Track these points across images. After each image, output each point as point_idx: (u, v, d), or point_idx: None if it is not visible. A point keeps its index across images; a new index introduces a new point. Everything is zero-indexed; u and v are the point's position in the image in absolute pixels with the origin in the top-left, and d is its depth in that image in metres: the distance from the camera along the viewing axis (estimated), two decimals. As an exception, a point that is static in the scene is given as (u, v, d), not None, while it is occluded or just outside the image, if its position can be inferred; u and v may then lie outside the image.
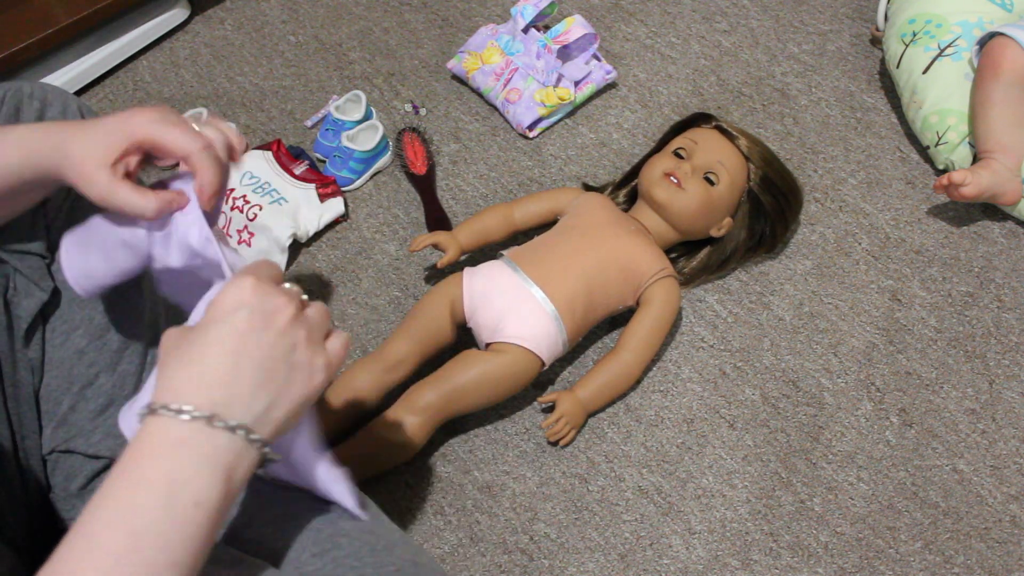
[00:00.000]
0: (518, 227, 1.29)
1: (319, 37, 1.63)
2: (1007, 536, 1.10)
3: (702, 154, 1.22)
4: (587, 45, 1.48)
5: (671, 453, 1.17)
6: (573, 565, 1.09)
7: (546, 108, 1.44)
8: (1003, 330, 1.26)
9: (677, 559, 1.09)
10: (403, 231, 1.38)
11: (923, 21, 1.41)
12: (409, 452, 1.11)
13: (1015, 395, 1.20)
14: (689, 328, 1.27)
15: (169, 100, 1.55)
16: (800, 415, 1.20)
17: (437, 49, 1.60)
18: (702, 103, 1.50)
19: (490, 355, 1.12)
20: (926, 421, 1.19)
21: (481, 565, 1.10)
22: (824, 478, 1.15)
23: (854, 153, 1.44)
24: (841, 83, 1.52)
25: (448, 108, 1.52)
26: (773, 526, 1.11)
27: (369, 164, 1.42)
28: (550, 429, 1.14)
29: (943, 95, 1.36)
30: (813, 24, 1.60)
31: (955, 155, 1.36)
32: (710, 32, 1.60)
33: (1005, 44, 1.26)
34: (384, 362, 1.14)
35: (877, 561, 1.09)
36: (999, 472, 1.15)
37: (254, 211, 1.32)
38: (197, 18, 1.67)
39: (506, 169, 1.44)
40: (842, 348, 1.25)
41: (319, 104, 1.53)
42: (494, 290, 1.15)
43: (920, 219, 1.37)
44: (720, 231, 1.25)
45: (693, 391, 1.22)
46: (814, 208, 1.38)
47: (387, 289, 1.32)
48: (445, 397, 1.10)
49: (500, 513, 1.13)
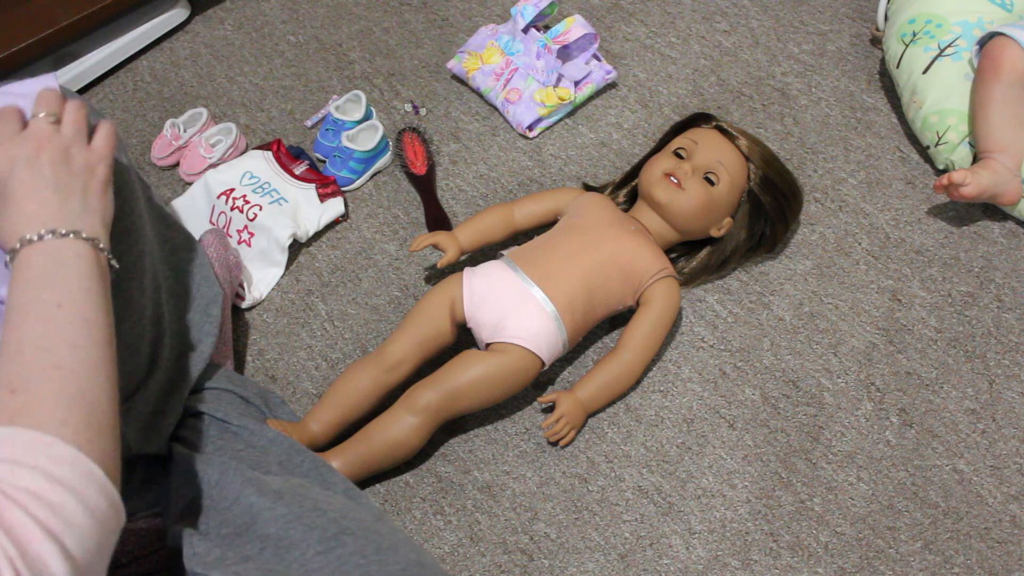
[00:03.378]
0: (518, 227, 1.28)
1: (319, 37, 1.63)
2: (1007, 536, 1.10)
3: (702, 154, 1.22)
4: (587, 45, 1.48)
5: (671, 453, 1.17)
6: (573, 565, 1.09)
7: (546, 108, 1.44)
8: (1003, 330, 1.26)
9: (677, 559, 1.09)
10: (403, 231, 1.38)
11: (923, 21, 1.41)
12: (409, 452, 1.12)
13: (1015, 395, 1.20)
14: (689, 328, 1.27)
15: (169, 100, 1.55)
16: (800, 415, 1.20)
17: (437, 49, 1.60)
18: (702, 103, 1.50)
19: (490, 355, 1.12)
20: (926, 421, 1.19)
21: (481, 565, 1.10)
22: (824, 478, 1.15)
23: (854, 153, 1.44)
24: (841, 83, 1.52)
25: (448, 108, 1.52)
26: (773, 526, 1.11)
27: (369, 164, 1.42)
28: (550, 429, 1.14)
29: (943, 95, 1.36)
30: (813, 24, 1.60)
31: (955, 155, 1.36)
32: (710, 32, 1.60)
33: (1005, 44, 1.26)
34: (384, 362, 1.14)
35: (877, 561, 1.09)
36: (999, 472, 1.15)
37: (254, 211, 1.32)
38: (197, 18, 1.67)
39: (506, 169, 1.44)
40: (842, 348, 1.25)
41: (319, 104, 1.53)
42: (494, 290, 1.15)
43: (920, 219, 1.37)
44: (720, 231, 1.25)
45: (693, 391, 1.22)
46: (814, 208, 1.38)
47: (387, 289, 1.32)
48: (445, 397, 1.10)
49: (500, 513, 1.13)
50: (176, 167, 1.47)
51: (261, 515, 0.85)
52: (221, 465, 0.90)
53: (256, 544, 0.83)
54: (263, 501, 0.85)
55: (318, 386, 1.24)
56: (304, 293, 1.32)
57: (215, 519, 0.87)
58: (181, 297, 1.06)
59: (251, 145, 1.48)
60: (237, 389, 1.07)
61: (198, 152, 1.43)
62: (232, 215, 1.33)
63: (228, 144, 1.42)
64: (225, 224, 1.34)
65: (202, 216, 1.37)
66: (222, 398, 1.05)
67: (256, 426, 1.00)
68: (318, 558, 0.80)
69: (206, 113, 1.46)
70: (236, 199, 1.34)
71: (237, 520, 0.86)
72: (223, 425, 1.00)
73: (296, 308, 1.31)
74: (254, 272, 1.32)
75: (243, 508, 0.86)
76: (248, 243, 1.33)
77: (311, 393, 1.23)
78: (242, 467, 0.90)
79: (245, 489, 0.87)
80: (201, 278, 1.09)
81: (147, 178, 1.46)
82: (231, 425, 1.00)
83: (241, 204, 1.33)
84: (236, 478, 0.88)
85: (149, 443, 0.96)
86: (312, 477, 0.96)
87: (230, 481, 0.88)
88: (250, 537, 0.84)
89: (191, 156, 1.43)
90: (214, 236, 1.23)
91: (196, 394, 1.03)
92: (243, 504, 0.86)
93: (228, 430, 1.00)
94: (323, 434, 1.11)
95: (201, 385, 1.05)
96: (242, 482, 0.88)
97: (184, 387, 1.01)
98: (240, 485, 0.87)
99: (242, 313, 1.30)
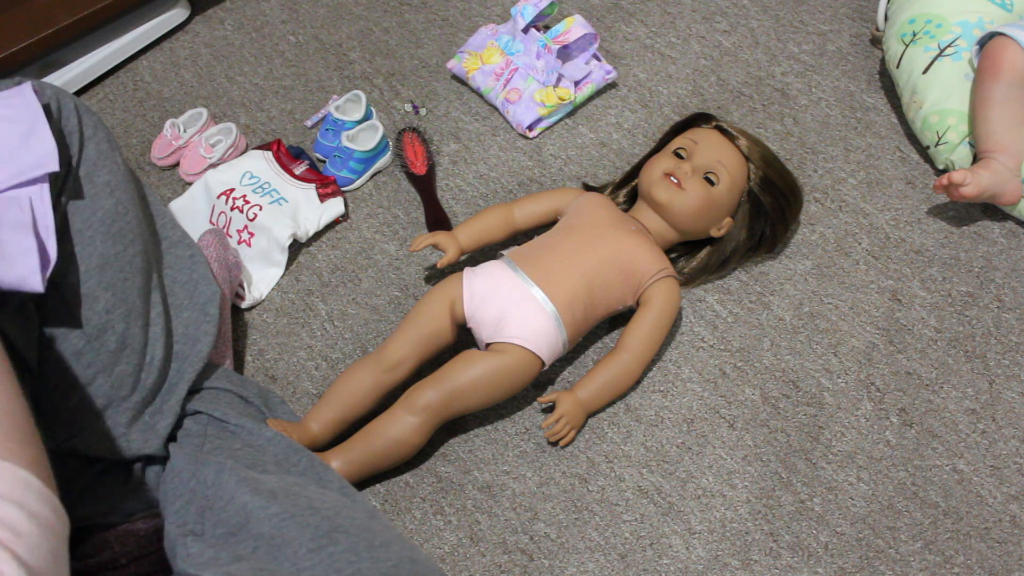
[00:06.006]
0: (518, 227, 1.28)
1: (319, 37, 1.63)
2: (1007, 536, 1.10)
3: (702, 154, 1.22)
4: (587, 45, 1.48)
5: (671, 453, 1.17)
6: (573, 565, 1.09)
7: (546, 108, 1.44)
8: (1003, 330, 1.26)
9: (677, 559, 1.09)
10: (403, 231, 1.38)
11: (923, 21, 1.41)
12: (409, 452, 1.12)
13: (1015, 395, 1.20)
14: (689, 328, 1.27)
15: (169, 100, 1.55)
16: (800, 415, 1.20)
17: (437, 49, 1.60)
18: (702, 103, 1.50)
19: (490, 355, 1.12)
20: (926, 421, 1.19)
21: (481, 565, 1.10)
22: (824, 478, 1.15)
23: (854, 153, 1.44)
24: (841, 83, 1.52)
25: (448, 108, 1.52)
26: (773, 526, 1.11)
27: (369, 164, 1.42)
28: (550, 429, 1.14)
29: (943, 95, 1.36)
30: (813, 24, 1.60)
31: (955, 155, 1.36)
32: (710, 32, 1.60)
33: (1005, 44, 1.26)
34: (384, 362, 1.14)
35: (877, 561, 1.09)
36: (999, 472, 1.15)
37: (254, 211, 1.32)
38: (197, 18, 1.67)
39: (506, 169, 1.44)
40: (842, 348, 1.25)
41: (319, 104, 1.53)
42: (494, 290, 1.15)
43: (920, 219, 1.37)
44: (720, 231, 1.25)
45: (693, 391, 1.22)
46: (814, 208, 1.38)
47: (387, 289, 1.32)
48: (445, 397, 1.10)
49: (500, 513, 1.13)
50: (176, 167, 1.47)
51: (255, 514, 0.85)
52: (217, 465, 0.90)
53: (249, 543, 0.83)
54: (257, 500, 0.85)
55: (318, 386, 1.24)
56: (304, 293, 1.32)
57: (210, 519, 0.87)
58: (178, 296, 1.06)
59: (251, 145, 1.48)
60: (236, 389, 1.07)
61: (198, 152, 1.43)
62: (232, 215, 1.33)
63: (228, 144, 1.42)
64: (225, 224, 1.34)
65: (202, 216, 1.37)
66: (221, 398, 1.05)
67: (254, 425, 1.00)
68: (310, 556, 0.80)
69: (206, 113, 1.46)
70: (236, 199, 1.34)
71: (231, 520, 0.86)
72: (221, 424, 1.00)
73: (296, 308, 1.31)
74: (254, 272, 1.32)
75: (237, 508, 0.86)
76: (248, 243, 1.32)
77: (311, 393, 1.23)
78: (238, 466, 0.90)
79: (240, 489, 0.87)
80: (198, 277, 1.09)
81: (147, 178, 1.46)
82: (229, 424, 1.00)
83: (241, 204, 1.33)
84: (231, 478, 0.88)
85: (147, 444, 0.96)
86: (309, 476, 0.96)
87: (225, 481, 0.88)
88: (243, 536, 0.84)
89: (191, 156, 1.43)
90: (214, 236, 1.23)
91: (195, 393, 1.03)
92: (237, 504, 0.86)
93: (226, 429, 1.00)
94: (323, 434, 1.11)
95: (200, 385, 1.05)
96: (237, 481, 0.88)
97: (181, 387, 1.01)
98: (235, 485, 0.87)
99: (242, 313, 1.30)
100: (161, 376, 1.00)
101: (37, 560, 0.57)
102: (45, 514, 0.60)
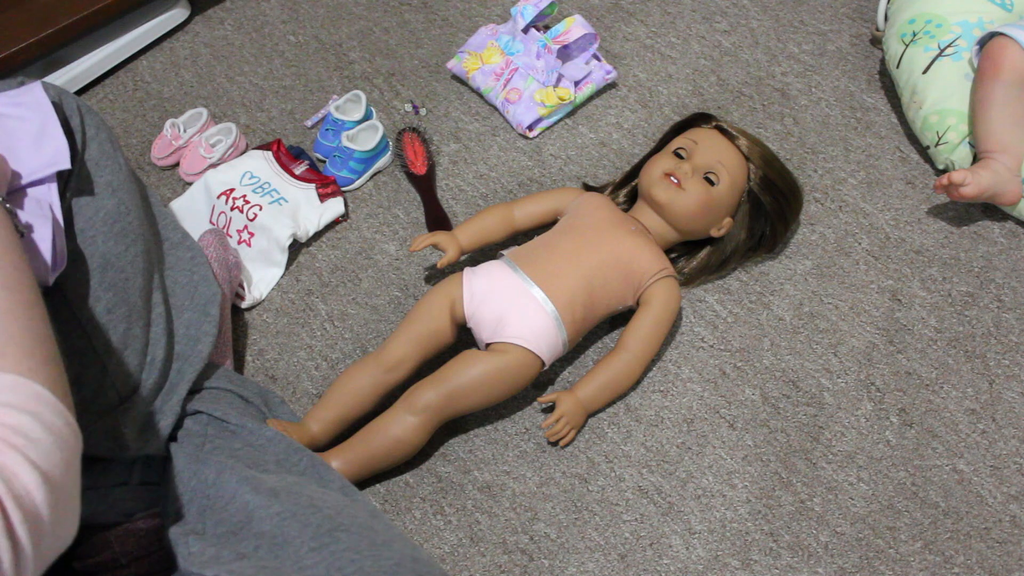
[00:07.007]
0: (518, 227, 1.29)
1: (319, 37, 1.63)
2: (1007, 536, 1.10)
3: (702, 154, 1.22)
4: (587, 45, 1.48)
5: (671, 453, 1.17)
6: (573, 565, 1.09)
7: (546, 108, 1.44)
8: (1003, 330, 1.26)
9: (677, 559, 1.09)
10: (403, 231, 1.38)
11: (923, 21, 1.41)
12: (409, 452, 1.12)
13: (1015, 395, 1.20)
14: (689, 328, 1.27)
15: (169, 100, 1.55)
16: (800, 415, 1.20)
17: (437, 49, 1.60)
18: (702, 103, 1.50)
19: (490, 355, 1.12)
20: (926, 421, 1.19)
21: (481, 565, 1.10)
22: (824, 478, 1.15)
23: (854, 153, 1.44)
24: (841, 83, 1.52)
25: (448, 108, 1.52)
26: (773, 526, 1.11)
27: (369, 164, 1.42)
28: (550, 429, 1.14)
29: (943, 95, 1.36)
30: (813, 24, 1.60)
31: (955, 155, 1.36)
32: (710, 32, 1.60)
33: (1005, 44, 1.26)
34: (384, 362, 1.14)
35: (877, 561, 1.09)
36: (999, 472, 1.15)
37: (254, 211, 1.32)
38: (197, 18, 1.67)
39: (506, 169, 1.44)
40: (842, 348, 1.25)
41: (319, 104, 1.53)
42: (494, 290, 1.15)
43: (920, 219, 1.37)
44: (720, 231, 1.25)
45: (693, 391, 1.22)
46: (814, 208, 1.38)
47: (387, 289, 1.32)
48: (445, 397, 1.10)
49: (500, 513, 1.13)
50: (176, 167, 1.47)
51: (256, 513, 0.85)
52: (218, 464, 0.90)
53: (251, 542, 0.83)
54: (258, 499, 0.86)
55: (318, 386, 1.24)
56: (304, 293, 1.32)
57: (211, 518, 0.87)
58: (179, 297, 1.06)
59: (251, 145, 1.48)
60: (237, 389, 1.07)
61: (198, 152, 1.43)
62: (232, 215, 1.33)
63: (228, 144, 1.42)
64: (225, 224, 1.34)
65: (202, 216, 1.37)
66: (221, 398, 1.05)
67: (255, 425, 1.00)
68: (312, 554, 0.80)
69: (206, 113, 1.46)
70: (236, 199, 1.34)
71: (233, 519, 0.86)
72: (221, 424, 1.00)
73: (296, 308, 1.31)
74: (254, 272, 1.32)
75: (239, 507, 0.86)
76: (248, 243, 1.33)
77: (311, 393, 1.23)
78: (239, 466, 0.90)
79: (241, 488, 0.87)
80: (199, 278, 1.09)
81: (147, 178, 1.46)
82: (229, 424, 1.00)
83: (241, 204, 1.33)
84: (232, 477, 0.88)
85: (147, 444, 0.96)
86: (310, 475, 0.96)
87: (226, 480, 0.88)
88: (245, 535, 0.84)
89: (191, 156, 1.43)
90: (214, 236, 1.23)
91: (195, 393, 1.04)
92: (239, 503, 0.86)
93: (227, 429, 1.00)
94: (323, 434, 1.11)
95: (200, 385, 1.05)
96: (238, 481, 0.88)
97: (182, 387, 1.01)
98: (236, 484, 0.87)
99: (242, 313, 1.30)
100: (162, 376, 1.00)
101: (50, 467, 0.58)
102: (59, 426, 0.61)
